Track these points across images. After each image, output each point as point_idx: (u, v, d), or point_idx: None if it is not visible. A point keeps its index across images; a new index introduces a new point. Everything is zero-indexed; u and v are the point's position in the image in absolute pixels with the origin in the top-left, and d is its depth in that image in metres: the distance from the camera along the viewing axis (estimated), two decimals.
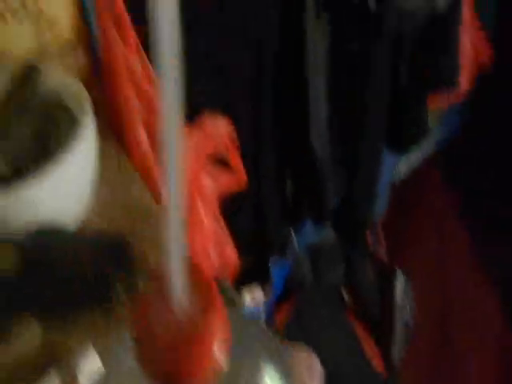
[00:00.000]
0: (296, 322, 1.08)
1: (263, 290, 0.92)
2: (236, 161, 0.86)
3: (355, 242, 1.47)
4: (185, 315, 0.17)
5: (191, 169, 0.77)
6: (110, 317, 0.52)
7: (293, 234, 1.08)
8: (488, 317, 1.44)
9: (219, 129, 0.82)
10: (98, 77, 0.73)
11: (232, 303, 0.46)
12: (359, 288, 1.41)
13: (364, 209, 1.28)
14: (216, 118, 0.82)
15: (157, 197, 0.67)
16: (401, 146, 1.18)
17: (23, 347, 0.51)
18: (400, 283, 1.39)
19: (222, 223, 0.83)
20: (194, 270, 0.19)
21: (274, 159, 0.98)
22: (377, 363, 1.13)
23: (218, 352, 0.17)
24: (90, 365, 0.48)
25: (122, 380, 0.23)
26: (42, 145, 0.57)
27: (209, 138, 0.80)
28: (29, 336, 0.51)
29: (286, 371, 0.24)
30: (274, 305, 1.13)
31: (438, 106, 1.14)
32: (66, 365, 0.48)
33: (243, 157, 0.89)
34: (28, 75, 0.59)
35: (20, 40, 0.64)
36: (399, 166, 1.67)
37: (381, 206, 1.59)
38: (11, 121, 0.56)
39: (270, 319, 1.07)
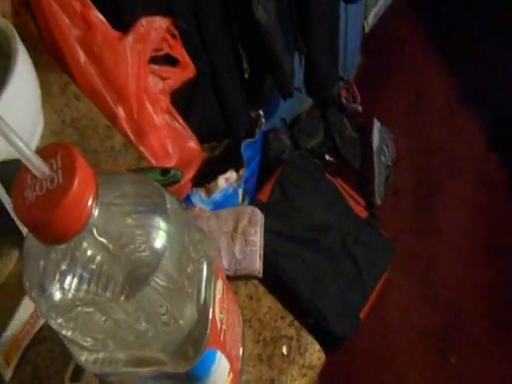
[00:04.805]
0: (279, 191, 1.15)
1: (237, 172, 0.98)
2: (179, 52, 0.86)
3: (329, 100, 1.48)
4: (49, 181, 0.23)
5: (135, 73, 0.79)
6: None
7: (261, 114, 1.10)
8: (469, 142, 1.48)
9: (156, 26, 0.82)
10: (30, 10, 0.72)
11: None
12: (339, 144, 1.46)
13: (330, 66, 1.27)
14: (151, 17, 0.81)
15: (102, 110, 0.70)
16: None
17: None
18: (376, 128, 1.44)
19: (180, 119, 0.87)
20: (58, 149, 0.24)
21: (223, 39, 0.96)
22: (359, 210, 1.22)
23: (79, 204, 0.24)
24: None
25: None
26: None
27: (147, 38, 0.80)
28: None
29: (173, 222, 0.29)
30: (257, 183, 1.20)
31: None
32: None
33: (190, 45, 0.89)
34: None
35: None
36: (367, 16, 1.61)
37: (352, 59, 1.58)
38: None
39: (253, 196, 1.15)
